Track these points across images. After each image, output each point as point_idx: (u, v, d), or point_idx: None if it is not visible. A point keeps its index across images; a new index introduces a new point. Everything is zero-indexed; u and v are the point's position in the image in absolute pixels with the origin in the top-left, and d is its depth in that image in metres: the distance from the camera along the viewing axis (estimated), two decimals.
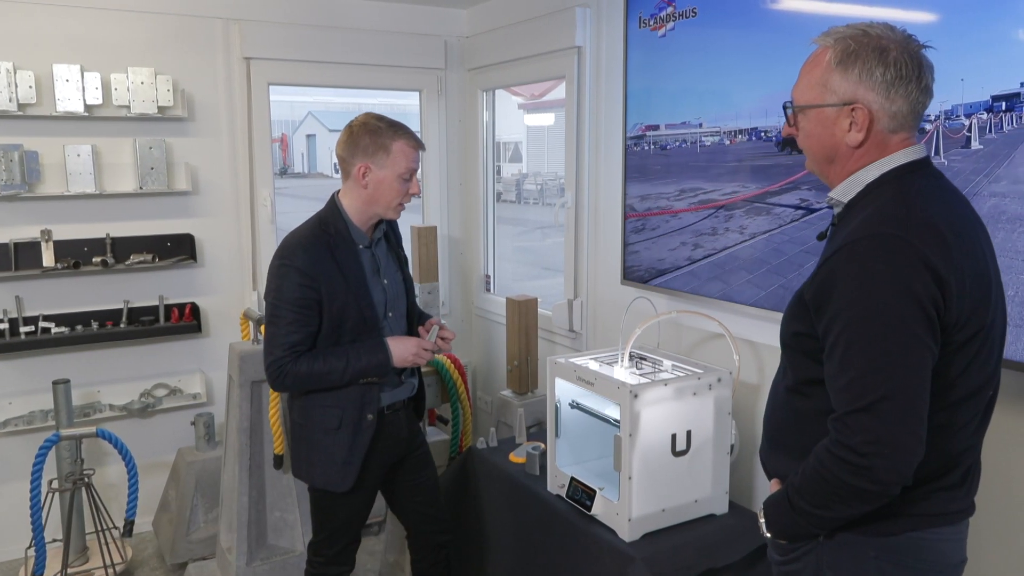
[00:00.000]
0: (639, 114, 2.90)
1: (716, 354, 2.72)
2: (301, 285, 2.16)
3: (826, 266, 1.35)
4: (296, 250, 2.19)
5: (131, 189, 3.49)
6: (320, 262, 2.18)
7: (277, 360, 2.18)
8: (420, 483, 2.51)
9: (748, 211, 2.49)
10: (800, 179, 2.33)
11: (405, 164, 2.23)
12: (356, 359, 2.21)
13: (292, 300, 2.16)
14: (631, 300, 2.83)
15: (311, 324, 2.19)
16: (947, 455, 1.38)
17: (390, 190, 2.24)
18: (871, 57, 1.35)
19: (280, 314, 2.17)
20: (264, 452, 3.03)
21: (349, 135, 2.24)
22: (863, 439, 1.26)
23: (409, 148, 2.24)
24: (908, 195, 1.34)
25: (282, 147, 28.03)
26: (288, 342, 2.17)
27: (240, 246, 3.77)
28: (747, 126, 2.47)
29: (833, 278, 1.32)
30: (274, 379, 2.20)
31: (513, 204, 14.63)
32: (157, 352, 3.69)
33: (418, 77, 4.14)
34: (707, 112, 2.61)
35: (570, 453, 2.55)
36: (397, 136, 2.23)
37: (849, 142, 1.39)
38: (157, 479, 3.69)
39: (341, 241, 2.24)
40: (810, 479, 1.35)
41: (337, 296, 2.20)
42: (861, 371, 1.27)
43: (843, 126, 1.39)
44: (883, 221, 1.31)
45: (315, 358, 2.19)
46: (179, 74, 3.55)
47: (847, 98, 1.37)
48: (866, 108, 1.36)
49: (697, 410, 2.26)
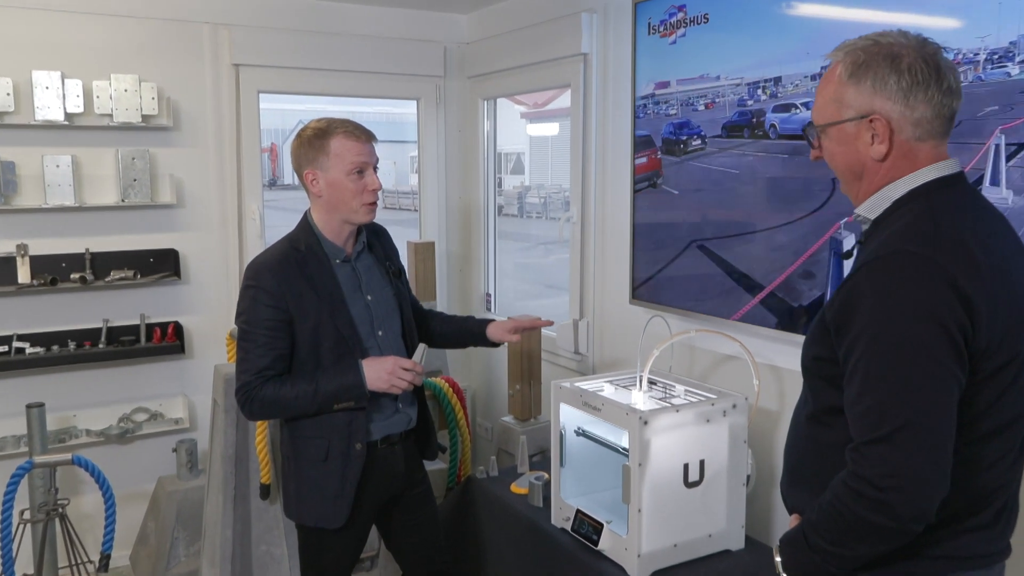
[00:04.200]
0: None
1: (731, 378, 2.72)
2: (268, 306, 2.17)
3: (847, 286, 1.35)
4: (262, 271, 2.20)
5: (112, 202, 3.51)
6: (288, 280, 2.19)
7: (245, 385, 2.18)
8: (418, 522, 2.48)
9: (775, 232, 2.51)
10: (827, 206, 2.32)
11: (349, 158, 2.21)
12: (326, 381, 2.19)
13: (260, 322, 2.17)
14: (641, 320, 2.83)
15: (281, 347, 2.19)
16: (976, 492, 1.36)
17: (344, 191, 2.23)
18: (883, 65, 1.36)
19: (249, 338, 2.18)
20: (250, 482, 3.02)
21: (294, 148, 2.28)
22: (881, 471, 1.25)
23: (348, 140, 2.22)
24: (937, 211, 1.34)
25: (271, 157, 28.10)
26: (257, 366, 2.17)
27: (227, 262, 3.79)
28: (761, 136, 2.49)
29: (854, 299, 1.32)
30: (242, 405, 2.20)
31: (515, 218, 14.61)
32: (137, 374, 3.69)
33: (416, 85, 4.17)
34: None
35: (576, 484, 2.54)
36: (333, 132, 2.22)
37: (874, 155, 1.40)
38: (136, 510, 3.68)
39: (312, 257, 2.24)
40: (827, 514, 1.34)
41: (309, 315, 2.19)
42: (880, 398, 1.27)
43: (865, 140, 1.40)
44: (908, 238, 1.31)
45: (282, 383, 2.19)
46: (164, 81, 3.58)
47: (864, 110, 1.39)
48: (884, 118, 1.38)
49: (711, 438, 2.26)
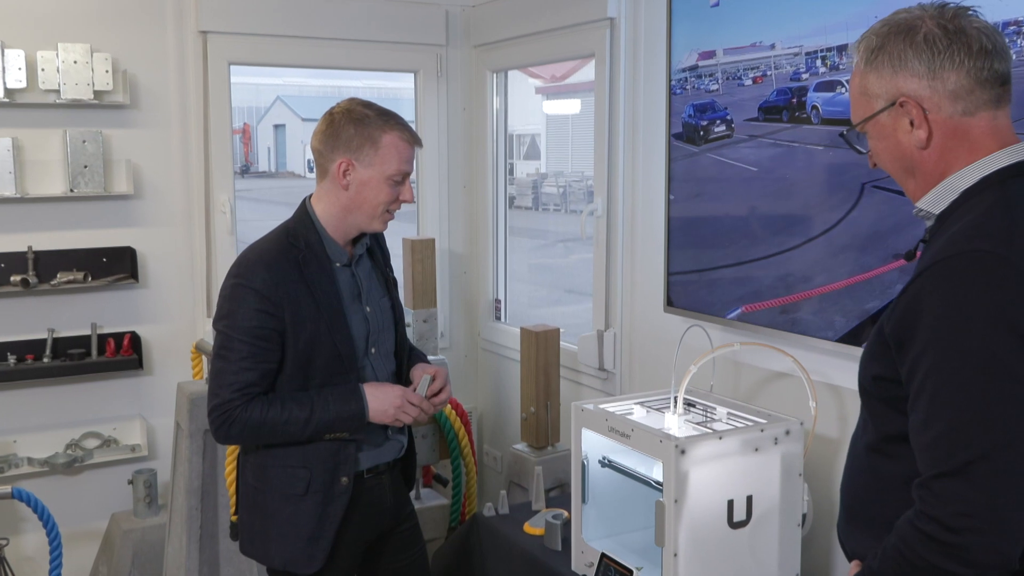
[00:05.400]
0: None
1: (784, 399, 2.70)
2: (260, 311, 2.15)
3: (908, 292, 1.36)
4: (255, 267, 2.19)
5: (60, 192, 3.52)
6: (285, 283, 2.18)
7: (224, 403, 2.16)
8: (407, 564, 2.49)
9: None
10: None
11: (397, 163, 2.23)
12: (323, 408, 2.19)
13: (247, 329, 2.16)
14: (677, 331, 2.81)
15: (269, 360, 2.18)
16: None
17: (376, 194, 2.24)
18: (898, 43, 1.43)
19: (231, 346, 2.17)
20: (218, 519, 3.03)
21: (329, 124, 2.26)
22: (954, 510, 1.25)
23: (403, 143, 2.25)
24: (1011, 203, 1.36)
25: (244, 140, 28.32)
26: (240, 382, 2.16)
27: (192, 262, 3.79)
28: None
29: (916, 307, 1.33)
30: (218, 426, 2.18)
31: (529, 211, 14.68)
32: (88, 393, 3.69)
33: (413, 55, 4.16)
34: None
35: (600, 523, 2.53)
36: (389, 127, 2.24)
37: (915, 143, 1.44)
38: (85, 551, 3.68)
39: (313, 257, 2.24)
40: (890, 560, 1.35)
41: (305, 327, 2.19)
42: (950, 424, 1.27)
43: (903, 128, 1.45)
44: (979, 235, 1.32)
45: (271, 403, 2.18)
46: (120, 52, 3.59)
47: (891, 96, 1.44)
48: (914, 99, 1.42)
49: (760, 470, 2.25)
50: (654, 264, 3.19)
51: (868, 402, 1.52)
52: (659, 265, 3.12)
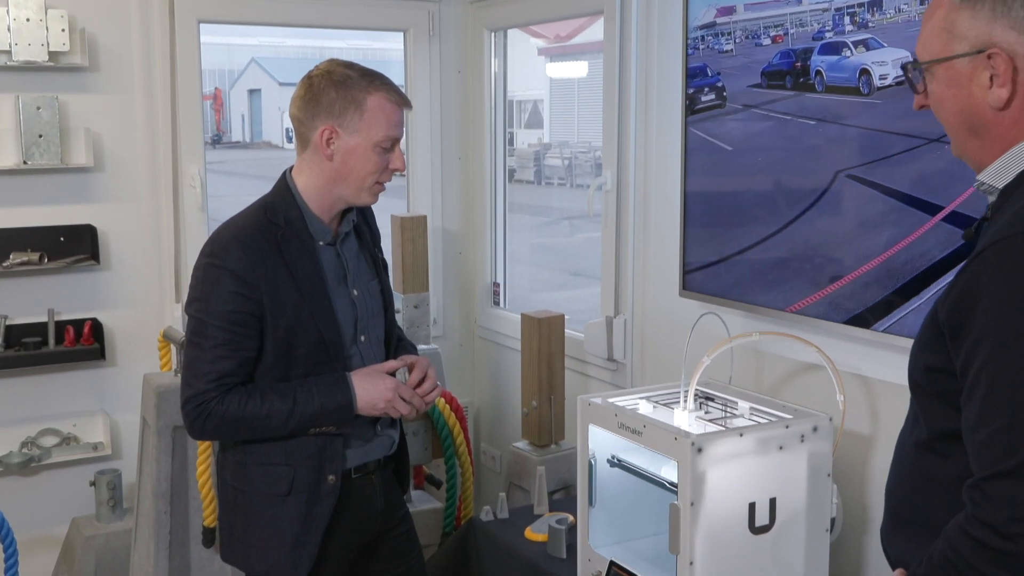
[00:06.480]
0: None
1: (810, 392, 2.71)
2: (236, 294, 2.17)
3: (965, 275, 1.35)
4: (231, 246, 2.20)
5: (11, 164, 3.52)
6: (263, 263, 2.20)
7: (199, 395, 2.18)
8: (400, 573, 2.51)
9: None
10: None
11: (384, 127, 2.24)
12: (306, 400, 2.21)
13: (222, 314, 2.17)
14: (694, 318, 2.83)
15: (247, 348, 2.20)
16: None
17: (364, 164, 2.25)
18: None
19: (205, 332, 2.19)
20: (189, 524, 3.04)
21: (308, 89, 2.27)
22: (1009, 514, 1.25)
23: (390, 105, 2.25)
24: None
25: (216, 107, 28.24)
26: (215, 371, 2.18)
27: (159, 242, 3.80)
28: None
29: (974, 291, 1.33)
30: (192, 420, 2.21)
31: (531, 186, 14.66)
32: (45, 386, 3.71)
33: (402, 13, 4.16)
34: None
35: (609, 528, 2.54)
36: (374, 88, 2.24)
37: (992, 102, 1.41)
38: (44, 559, 3.70)
39: (293, 235, 2.25)
40: (938, 567, 1.35)
41: (286, 311, 2.21)
42: (1008, 421, 1.27)
43: (982, 82, 1.41)
44: None
45: (250, 395, 2.20)
46: (78, 8, 3.58)
47: (980, 43, 1.40)
48: (1007, 53, 1.38)
49: (785, 470, 2.26)
50: (669, 244, 3.19)
51: (919, 396, 1.51)
52: (674, 245, 3.12)
